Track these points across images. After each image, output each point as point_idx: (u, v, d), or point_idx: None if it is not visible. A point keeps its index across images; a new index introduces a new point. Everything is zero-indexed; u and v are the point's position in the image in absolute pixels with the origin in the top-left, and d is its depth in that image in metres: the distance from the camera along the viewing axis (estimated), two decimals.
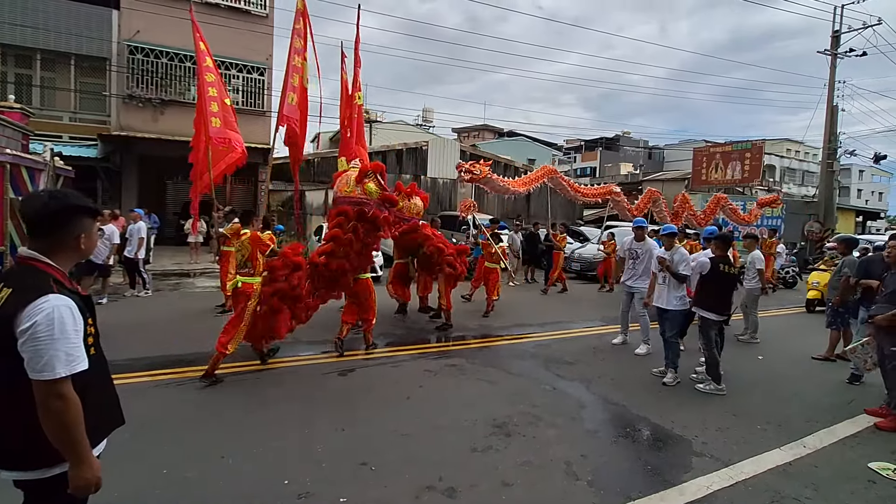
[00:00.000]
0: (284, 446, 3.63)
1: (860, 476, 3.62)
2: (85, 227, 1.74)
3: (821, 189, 22.31)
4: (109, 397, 1.87)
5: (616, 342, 7.08)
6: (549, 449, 3.78)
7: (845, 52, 20.64)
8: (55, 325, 1.51)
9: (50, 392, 1.51)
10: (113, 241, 8.44)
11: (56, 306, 1.54)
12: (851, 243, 6.82)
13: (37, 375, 1.50)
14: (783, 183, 37.56)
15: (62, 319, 1.53)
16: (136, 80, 14.67)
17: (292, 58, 6.93)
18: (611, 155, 49.15)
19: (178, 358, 5.57)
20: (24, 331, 1.49)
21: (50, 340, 1.50)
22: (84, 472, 1.61)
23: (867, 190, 52.86)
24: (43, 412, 1.52)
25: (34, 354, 1.49)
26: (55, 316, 1.52)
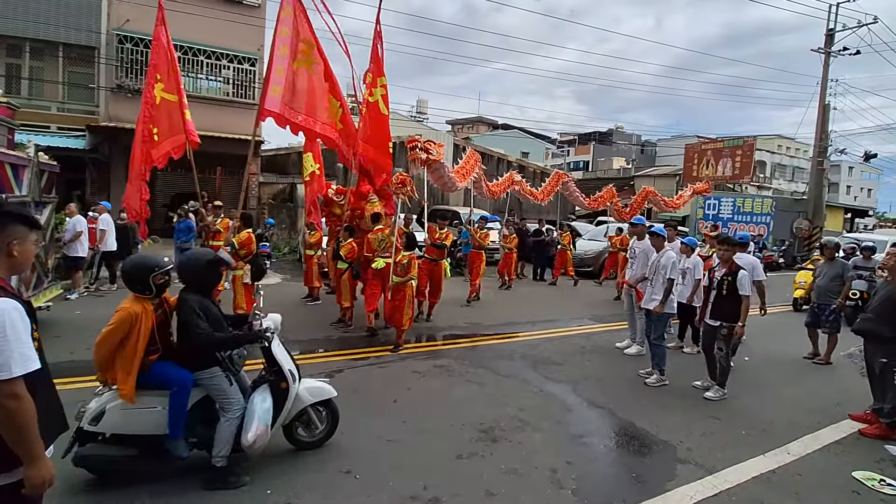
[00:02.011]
0: (266, 451, 3.60)
1: (844, 486, 3.65)
2: (17, 234, 1.77)
3: (811, 187, 22.45)
4: (54, 402, 1.91)
5: (620, 345, 6.92)
6: (534, 455, 3.79)
7: (839, 50, 20.68)
8: (7, 326, 1.57)
9: (5, 392, 1.55)
10: (77, 230, 8.30)
11: (5, 309, 1.59)
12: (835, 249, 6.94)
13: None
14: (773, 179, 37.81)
15: (13, 321, 1.59)
16: (125, 69, 14.42)
17: (277, 47, 6.46)
18: (604, 149, 49.18)
19: None
20: None
21: (4, 341, 1.55)
22: (40, 471, 1.66)
23: (856, 187, 53.35)
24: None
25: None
26: (6, 318, 1.57)
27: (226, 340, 3.31)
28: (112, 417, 3.03)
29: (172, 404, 3.11)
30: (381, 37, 6.91)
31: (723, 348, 5.20)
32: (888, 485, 3.68)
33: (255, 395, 3.37)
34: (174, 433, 3.13)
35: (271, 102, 6.32)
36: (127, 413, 3.06)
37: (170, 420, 3.10)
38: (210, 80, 15.70)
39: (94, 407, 3.06)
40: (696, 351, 6.84)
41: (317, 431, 3.73)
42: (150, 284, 3.09)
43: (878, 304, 4.58)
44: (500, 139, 38.42)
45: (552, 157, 51.09)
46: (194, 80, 15.22)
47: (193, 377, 3.18)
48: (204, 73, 15.47)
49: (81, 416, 3.03)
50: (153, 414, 3.10)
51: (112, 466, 3.14)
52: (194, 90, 14.83)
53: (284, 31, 6.52)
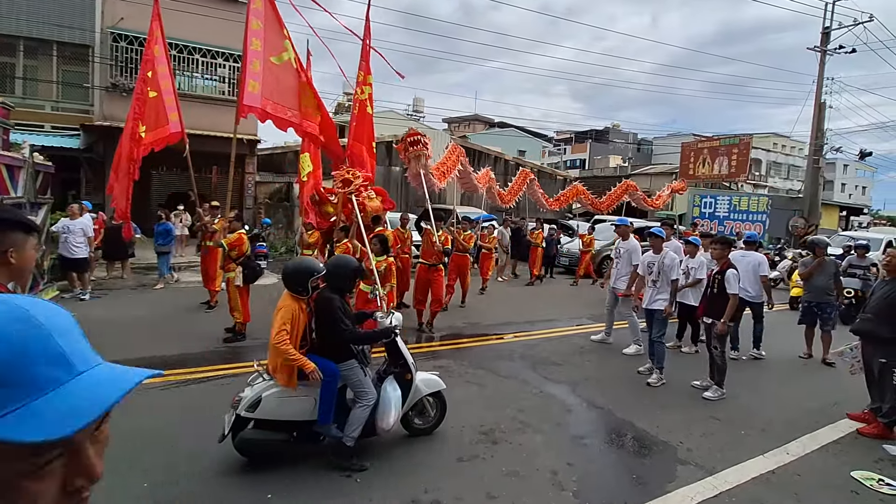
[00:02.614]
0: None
1: (843, 486, 3.67)
2: (15, 241, 1.75)
3: (806, 185, 22.54)
4: None
5: (595, 339, 7.16)
6: (535, 457, 3.79)
7: (835, 48, 20.75)
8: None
9: None
10: (87, 234, 8.25)
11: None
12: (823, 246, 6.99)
13: None
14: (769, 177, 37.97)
15: None
16: (119, 68, 14.30)
17: (250, 41, 6.31)
18: (600, 147, 49.21)
19: (163, 360, 5.49)
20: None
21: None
22: None
23: (851, 184, 53.61)
24: None
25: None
26: None
27: (365, 336, 3.72)
28: (268, 405, 3.37)
29: (323, 393, 3.47)
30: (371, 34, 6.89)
31: (717, 346, 5.25)
32: (887, 484, 3.69)
33: (387, 385, 3.73)
34: (324, 419, 3.48)
35: (250, 98, 6.21)
36: (282, 401, 3.42)
37: (321, 407, 3.47)
38: (206, 79, 15.60)
39: (249, 396, 3.39)
40: (694, 350, 6.86)
41: (429, 419, 4.09)
42: (308, 286, 3.49)
43: (877, 304, 4.59)
44: (496, 138, 38.41)
45: (549, 155, 51.11)
46: (190, 79, 15.12)
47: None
48: (199, 72, 15.37)
49: (237, 404, 3.36)
50: (304, 402, 3.47)
51: (267, 450, 3.49)
52: (190, 89, 14.74)
53: (256, 24, 6.40)
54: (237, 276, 6.56)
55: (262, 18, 6.46)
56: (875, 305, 4.61)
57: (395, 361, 3.84)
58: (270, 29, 6.51)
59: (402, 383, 3.78)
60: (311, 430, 3.51)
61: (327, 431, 3.50)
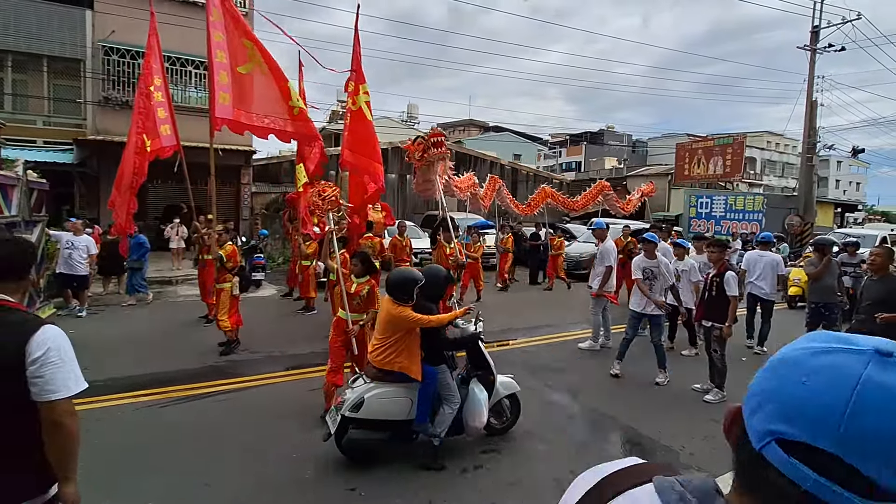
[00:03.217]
0: (270, 472, 3.58)
1: None
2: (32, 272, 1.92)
3: (801, 183, 22.68)
4: None
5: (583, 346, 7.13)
6: (539, 466, 3.78)
7: (824, 47, 20.93)
8: (64, 349, 1.67)
9: (66, 410, 1.65)
10: (91, 252, 8.23)
11: (59, 334, 1.70)
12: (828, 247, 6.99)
13: (54, 395, 1.61)
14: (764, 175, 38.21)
15: (67, 345, 1.70)
16: (111, 82, 14.31)
17: (214, 54, 6.26)
18: (595, 149, 49.42)
19: (161, 377, 5.45)
20: (37, 358, 1.60)
21: (62, 363, 1.65)
22: (76, 488, 1.74)
23: (845, 181, 53.99)
24: (57, 431, 1.64)
25: (51, 377, 1.61)
26: (62, 342, 1.68)
27: (457, 341, 3.98)
28: (370, 405, 3.60)
29: (422, 394, 3.71)
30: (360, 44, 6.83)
31: (717, 349, 5.25)
32: None
33: (473, 387, 3.94)
34: (422, 418, 3.72)
35: (222, 110, 6.15)
36: (383, 402, 3.65)
37: (419, 407, 3.70)
38: (199, 91, 15.61)
39: (352, 397, 3.62)
40: (694, 353, 6.88)
41: (504, 420, 4.28)
42: (413, 294, 3.69)
43: (871, 304, 4.62)
44: (491, 142, 38.50)
45: (544, 158, 51.29)
46: (183, 91, 15.13)
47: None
48: (193, 84, 15.39)
49: (340, 405, 3.61)
50: (403, 402, 3.70)
51: (367, 448, 3.72)
52: (183, 101, 14.75)
53: (218, 35, 6.35)
54: (235, 286, 6.59)
55: (223, 30, 6.42)
56: (868, 306, 4.64)
57: (479, 365, 4.08)
58: (233, 39, 6.46)
59: (486, 385, 4.01)
60: (407, 430, 3.75)
61: (425, 430, 3.74)
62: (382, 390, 3.67)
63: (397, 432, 3.75)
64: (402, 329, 3.65)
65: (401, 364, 3.64)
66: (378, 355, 3.71)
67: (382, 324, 3.76)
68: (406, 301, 3.68)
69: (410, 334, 3.67)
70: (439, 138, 6.87)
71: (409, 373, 3.65)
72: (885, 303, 4.56)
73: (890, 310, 4.51)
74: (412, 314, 3.61)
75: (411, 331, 3.66)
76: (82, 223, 8.40)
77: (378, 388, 3.67)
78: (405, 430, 3.76)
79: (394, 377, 3.67)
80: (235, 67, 6.43)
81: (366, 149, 7.04)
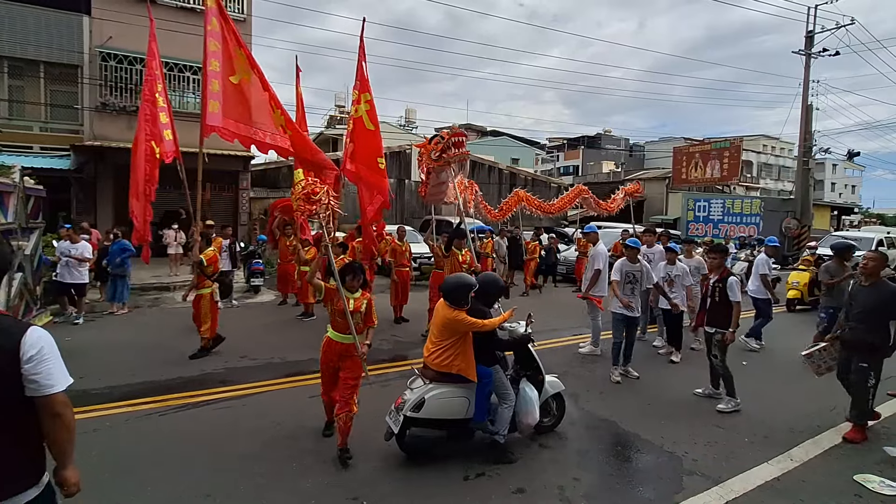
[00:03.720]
0: (271, 482, 3.55)
1: (847, 489, 3.67)
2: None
3: (797, 187, 22.79)
4: None
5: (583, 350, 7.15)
6: (541, 473, 3.76)
7: (819, 52, 21.08)
8: (53, 346, 1.82)
9: (63, 401, 1.80)
10: (85, 257, 8.18)
11: (46, 333, 1.83)
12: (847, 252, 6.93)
13: (52, 390, 1.76)
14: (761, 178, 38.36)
15: (53, 342, 1.83)
16: (109, 87, 14.29)
17: (209, 62, 6.42)
18: (593, 153, 49.58)
19: (161, 384, 5.41)
20: (32, 357, 1.72)
21: (55, 359, 1.80)
22: (76, 472, 1.91)
23: (840, 184, 54.24)
24: (57, 423, 1.79)
25: (48, 373, 1.75)
26: (49, 339, 1.82)
27: (510, 343, 4.19)
28: (430, 405, 3.76)
29: (479, 394, 3.90)
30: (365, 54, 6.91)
31: (717, 355, 5.23)
32: (888, 486, 3.70)
33: (525, 386, 4.15)
34: (480, 417, 3.92)
35: (212, 118, 6.27)
36: (442, 402, 3.81)
37: (477, 406, 3.89)
38: (196, 97, 15.60)
39: (412, 398, 3.79)
40: (670, 352, 6.92)
41: (552, 418, 4.48)
42: (468, 299, 3.82)
43: (862, 311, 4.46)
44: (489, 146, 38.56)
45: (542, 162, 51.40)
46: (181, 97, 15.11)
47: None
48: (191, 89, 15.38)
49: (401, 406, 3.79)
50: (461, 402, 3.87)
51: (427, 446, 3.91)
52: (181, 107, 14.72)
53: (214, 45, 6.48)
54: (216, 292, 6.61)
55: (220, 39, 6.55)
56: (859, 313, 4.47)
57: (528, 366, 4.30)
58: (227, 49, 6.60)
59: (535, 384, 4.23)
60: (464, 428, 3.95)
61: (484, 428, 3.97)
62: (441, 391, 3.84)
63: (455, 430, 3.94)
64: (458, 333, 3.78)
65: (458, 367, 3.78)
66: (435, 358, 3.85)
67: (438, 327, 3.89)
68: (461, 305, 3.81)
69: (465, 338, 3.81)
70: (460, 138, 6.22)
71: (466, 375, 3.81)
72: (876, 311, 4.40)
73: (882, 318, 4.38)
74: (467, 318, 3.73)
75: (466, 334, 3.80)
76: (80, 230, 8.33)
77: (437, 389, 3.84)
78: (463, 429, 3.95)
79: (451, 378, 3.83)
80: (228, 77, 6.53)
81: (367, 159, 7.02)
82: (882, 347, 4.40)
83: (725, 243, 9.97)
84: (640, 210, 28.54)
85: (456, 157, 6.07)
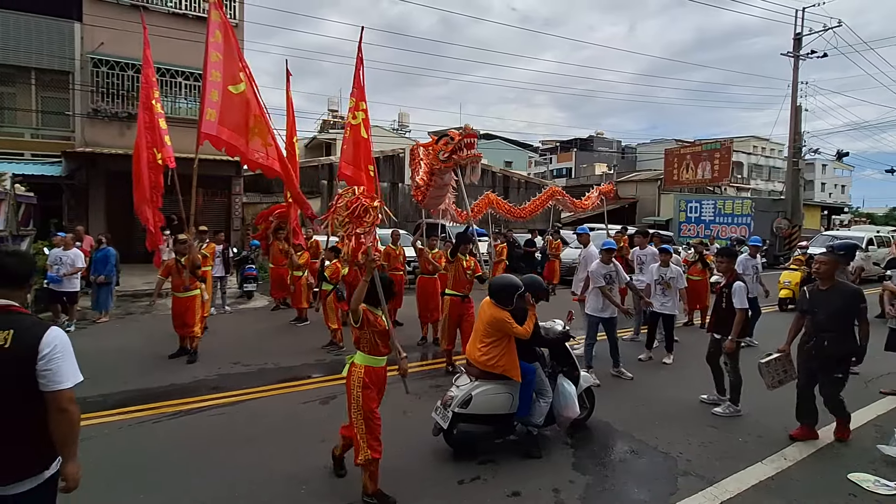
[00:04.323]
0: (264, 489, 3.52)
1: (841, 489, 3.69)
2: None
3: (788, 187, 23.01)
4: None
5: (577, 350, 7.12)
6: (537, 476, 3.76)
7: (807, 53, 21.35)
8: (67, 345, 1.98)
9: (70, 398, 1.93)
10: (77, 265, 8.11)
11: (62, 333, 2.00)
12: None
13: (61, 385, 1.91)
14: (751, 179, 38.69)
15: (67, 341, 1.99)
16: (101, 93, 14.21)
17: (210, 72, 6.63)
18: (586, 155, 49.85)
19: (154, 391, 5.38)
20: (46, 354, 1.89)
21: (67, 357, 1.95)
22: (79, 467, 2.03)
23: (830, 184, 54.86)
24: (63, 418, 1.92)
25: (58, 369, 1.91)
26: (64, 339, 1.98)
27: (552, 340, 4.43)
28: (478, 401, 3.96)
29: (524, 390, 4.06)
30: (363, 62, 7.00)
31: (727, 362, 5.11)
32: (883, 485, 3.72)
33: (563, 382, 4.36)
34: (523, 412, 4.09)
35: (208, 126, 6.52)
36: (489, 398, 4.00)
37: (521, 401, 4.06)
38: (189, 102, 15.56)
39: (459, 395, 3.97)
40: (647, 357, 6.89)
41: (585, 410, 4.64)
42: (514, 300, 4.01)
43: (831, 316, 4.24)
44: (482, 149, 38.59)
45: (535, 165, 51.59)
46: (173, 103, 15.06)
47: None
48: (183, 95, 15.33)
49: (449, 402, 3.95)
50: (505, 397, 4.05)
51: (472, 441, 4.12)
52: (173, 112, 14.66)
53: (216, 56, 6.71)
54: (204, 291, 6.94)
55: (222, 51, 6.77)
56: (828, 319, 4.24)
57: (565, 362, 4.51)
58: (229, 60, 6.83)
59: (572, 379, 4.44)
60: (509, 422, 4.13)
61: (527, 422, 4.13)
62: (488, 387, 4.02)
63: (500, 425, 4.12)
64: (502, 332, 3.95)
65: (503, 367, 3.96)
66: (481, 356, 4.02)
67: (484, 325, 4.05)
68: (507, 306, 4.01)
69: (510, 338, 3.99)
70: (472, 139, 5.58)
71: (510, 375, 3.98)
72: (842, 314, 4.21)
73: (849, 320, 4.20)
74: (511, 323, 3.93)
75: (509, 335, 3.96)
76: (72, 237, 8.26)
77: (483, 386, 4.02)
78: (507, 423, 4.13)
79: (495, 375, 4.00)
80: (227, 87, 6.74)
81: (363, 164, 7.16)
82: (855, 352, 4.26)
83: (710, 243, 9.96)
84: (632, 212, 28.79)
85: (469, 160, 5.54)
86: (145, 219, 7.80)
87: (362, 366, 3.36)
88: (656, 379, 6.15)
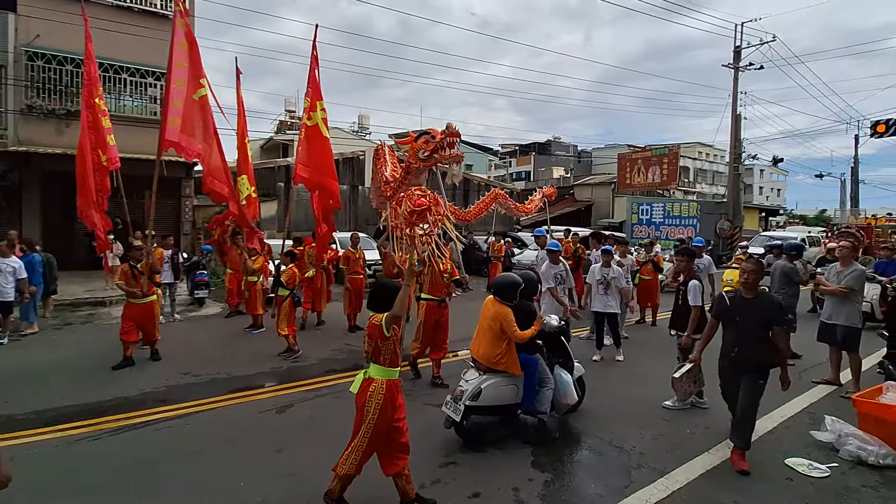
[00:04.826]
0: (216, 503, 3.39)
1: (779, 474, 3.93)
2: None
3: (729, 191, 24.33)
4: None
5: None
6: (496, 476, 3.79)
7: (746, 65, 22.69)
8: None
9: None
10: (19, 275, 7.53)
11: None
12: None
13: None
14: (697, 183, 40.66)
15: None
16: (36, 89, 13.30)
17: (174, 80, 6.68)
18: (544, 159, 50.94)
19: (95, 407, 5.05)
20: None
21: None
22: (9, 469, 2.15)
23: (767, 187, 58.52)
24: None
25: None
26: None
27: (549, 334, 4.65)
28: (487, 394, 4.22)
29: (528, 380, 4.37)
30: (318, 61, 6.98)
31: (680, 358, 5.31)
32: (816, 468, 3.99)
33: (560, 372, 4.66)
34: (528, 402, 4.39)
35: (171, 133, 6.59)
36: (497, 389, 4.28)
37: (525, 392, 4.37)
38: (135, 100, 14.81)
39: (469, 388, 4.21)
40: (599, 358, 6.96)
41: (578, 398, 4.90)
42: (517, 296, 4.31)
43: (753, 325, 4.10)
44: None
45: (495, 168, 52.27)
46: (117, 100, 14.30)
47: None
48: (128, 92, 14.58)
49: (460, 395, 4.19)
50: (511, 389, 4.34)
51: (481, 431, 4.42)
52: (118, 110, 13.92)
53: (182, 63, 6.77)
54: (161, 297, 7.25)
55: (187, 59, 6.83)
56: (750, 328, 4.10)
57: (561, 353, 4.78)
58: (193, 67, 6.90)
59: (568, 370, 4.75)
60: (514, 412, 4.41)
61: (534, 411, 4.38)
62: (496, 380, 4.29)
63: (506, 415, 4.42)
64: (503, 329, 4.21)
65: (505, 364, 4.26)
66: (483, 354, 4.31)
67: (488, 321, 4.31)
68: (510, 302, 4.28)
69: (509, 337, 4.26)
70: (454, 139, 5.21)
71: (511, 371, 4.28)
72: (762, 323, 4.06)
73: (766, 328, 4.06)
74: (514, 327, 4.19)
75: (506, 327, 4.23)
76: (6, 243, 7.67)
77: (491, 379, 4.29)
78: (513, 413, 4.42)
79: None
80: (190, 95, 6.80)
81: (322, 166, 7.17)
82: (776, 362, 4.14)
83: (652, 244, 10.33)
84: (588, 214, 29.66)
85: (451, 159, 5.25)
86: (92, 224, 7.43)
87: (383, 380, 3.15)
88: (609, 376, 6.32)
